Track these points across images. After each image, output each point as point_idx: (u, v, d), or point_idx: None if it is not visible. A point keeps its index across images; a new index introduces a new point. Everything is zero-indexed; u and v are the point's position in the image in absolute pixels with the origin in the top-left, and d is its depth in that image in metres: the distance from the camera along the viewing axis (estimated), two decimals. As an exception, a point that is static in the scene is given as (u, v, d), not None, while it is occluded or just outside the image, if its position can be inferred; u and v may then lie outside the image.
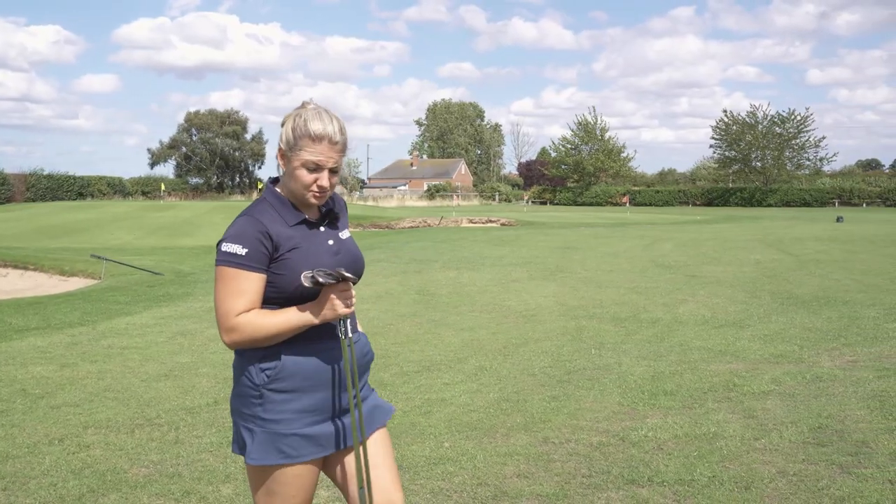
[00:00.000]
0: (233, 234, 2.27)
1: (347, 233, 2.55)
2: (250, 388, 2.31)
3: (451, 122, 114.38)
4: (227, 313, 2.23)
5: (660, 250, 18.92)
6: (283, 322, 2.24)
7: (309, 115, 2.32)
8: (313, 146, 2.27)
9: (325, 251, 2.36)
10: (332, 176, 2.34)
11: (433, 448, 4.69)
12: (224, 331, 2.26)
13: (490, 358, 7.19)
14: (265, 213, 2.32)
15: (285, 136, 2.33)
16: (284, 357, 2.28)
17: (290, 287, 2.26)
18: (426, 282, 13.03)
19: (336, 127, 2.31)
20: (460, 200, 74.57)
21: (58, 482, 4.20)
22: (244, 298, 2.23)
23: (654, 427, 4.98)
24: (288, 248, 2.28)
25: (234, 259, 2.23)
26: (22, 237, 25.22)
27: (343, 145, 2.34)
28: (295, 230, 2.32)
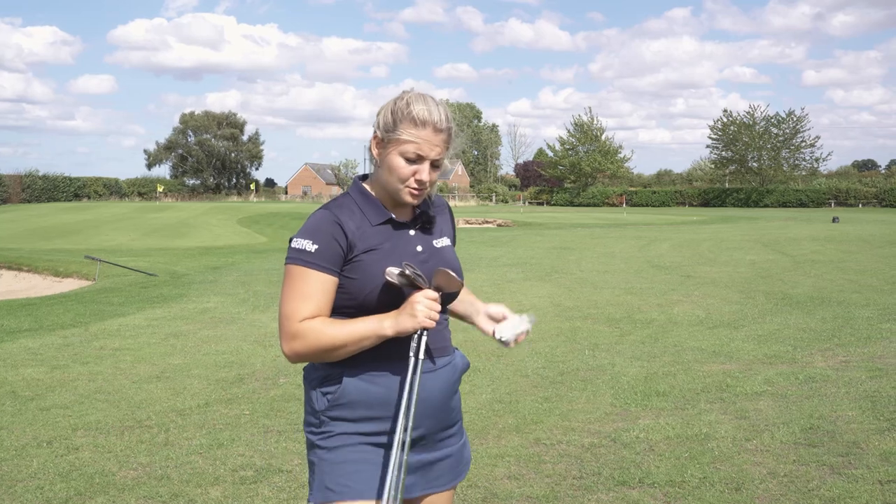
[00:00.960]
0: (305, 228, 2.03)
1: (446, 241, 2.19)
2: (310, 415, 2.07)
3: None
4: (290, 317, 1.97)
5: (656, 251, 18.93)
6: (351, 331, 1.94)
7: (413, 97, 2.05)
8: (415, 131, 1.99)
9: (408, 257, 2.04)
10: (434, 170, 2.04)
11: (424, 450, 4.66)
12: (285, 337, 1.98)
13: (483, 359, 7.17)
14: (345, 207, 2.06)
15: (382, 121, 2.04)
16: (346, 380, 2.00)
17: (363, 293, 1.99)
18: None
19: (443, 113, 2.04)
20: (457, 201, 74.56)
21: (45, 485, 4.18)
22: (310, 302, 1.97)
23: (646, 428, 4.96)
24: (364, 249, 2.00)
25: (301, 256, 1.98)
26: (17, 238, 25.15)
27: (449, 135, 2.05)
28: (377, 230, 2.05)
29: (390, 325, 1.94)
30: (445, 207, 2.30)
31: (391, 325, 1.94)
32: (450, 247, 2.21)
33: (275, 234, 29.48)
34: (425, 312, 1.92)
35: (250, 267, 16.25)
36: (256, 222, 35.24)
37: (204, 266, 16.58)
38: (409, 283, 1.96)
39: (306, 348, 1.97)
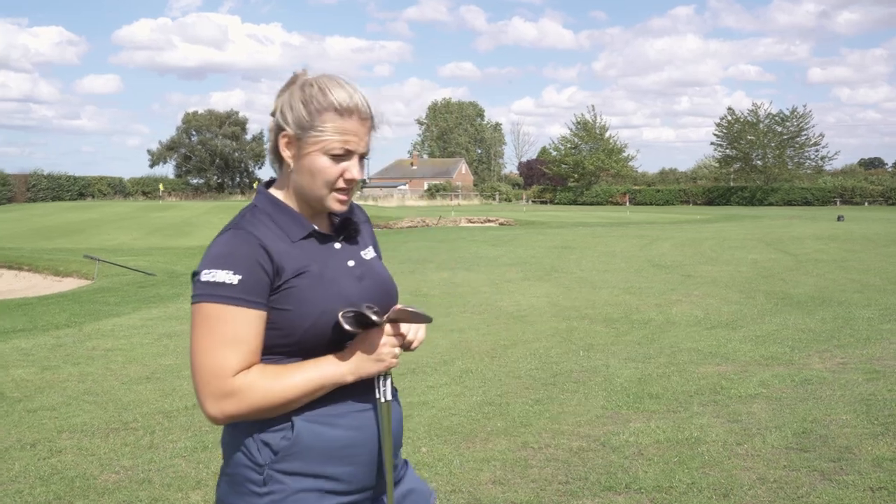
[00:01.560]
0: (217, 255, 1.63)
1: (373, 251, 1.89)
2: (249, 470, 1.65)
3: (452, 121, 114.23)
4: (218, 373, 1.58)
5: (657, 250, 18.84)
6: (304, 382, 1.62)
7: (325, 82, 1.71)
8: (340, 123, 1.67)
9: (344, 276, 1.74)
10: (362, 164, 1.76)
11: (409, 453, 4.60)
12: (211, 397, 1.58)
13: (477, 360, 7.11)
14: (259, 224, 1.69)
15: (293, 116, 1.69)
16: (298, 423, 1.64)
17: (301, 328, 1.64)
18: (419, 282, 12.95)
19: (363, 96, 1.72)
20: (460, 200, 74.51)
21: (24, 489, 4.13)
22: (240, 349, 1.59)
23: (636, 432, 4.89)
24: (294, 273, 1.66)
25: (220, 291, 1.59)
26: (19, 237, 25.16)
27: (373, 122, 1.75)
28: (301, 247, 1.71)
29: (351, 372, 1.66)
30: (360, 211, 1.98)
31: (351, 370, 1.66)
32: (377, 258, 1.91)
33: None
34: (391, 353, 1.69)
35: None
36: (259, 221, 35.29)
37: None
38: (369, 326, 1.66)
39: (245, 409, 1.60)
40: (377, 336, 1.69)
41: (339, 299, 1.69)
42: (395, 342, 1.71)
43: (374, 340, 1.68)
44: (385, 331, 1.70)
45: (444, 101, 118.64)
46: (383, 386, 1.73)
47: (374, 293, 1.77)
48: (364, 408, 1.72)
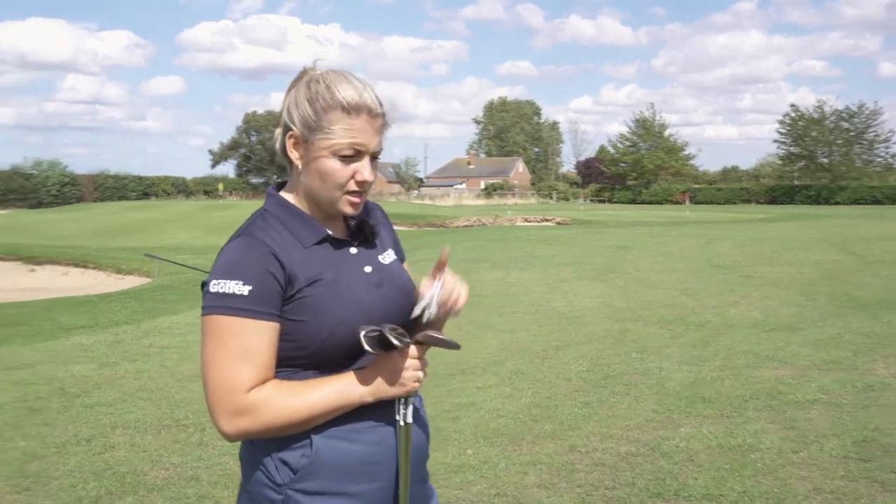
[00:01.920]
0: (226, 264, 1.56)
1: (392, 255, 1.79)
2: (269, 489, 1.59)
3: (509, 120, 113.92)
4: (231, 389, 1.52)
5: (716, 250, 18.43)
6: (321, 401, 1.55)
7: (331, 78, 1.63)
8: (348, 121, 1.59)
9: (361, 283, 1.65)
10: (374, 164, 1.66)
11: (455, 455, 4.58)
12: (224, 414, 1.53)
13: (527, 361, 7.04)
14: (270, 230, 1.62)
15: (299, 115, 1.62)
16: (317, 440, 1.58)
17: (317, 340, 1.57)
18: (473, 282, 12.87)
19: (373, 92, 1.63)
20: (517, 199, 74.21)
21: (78, 483, 4.22)
22: (254, 364, 1.53)
23: (687, 437, 4.78)
24: (307, 281, 1.58)
25: (231, 303, 1.52)
26: (85, 236, 25.94)
27: (384, 119, 1.66)
28: (314, 254, 1.63)
29: (371, 393, 1.60)
30: (379, 211, 1.87)
31: (371, 392, 1.60)
32: (398, 262, 1.81)
33: (333, 232, 29.76)
34: (415, 377, 1.62)
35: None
36: (316, 220, 35.67)
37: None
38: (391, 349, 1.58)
39: (259, 426, 1.54)
40: (400, 359, 1.61)
41: (356, 308, 1.62)
42: (418, 366, 1.63)
43: (396, 364, 1.60)
44: (409, 354, 1.61)
45: (501, 99, 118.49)
46: (404, 409, 1.66)
47: (393, 300, 1.69)
48: (385, 423, 1.65)
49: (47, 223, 32.94)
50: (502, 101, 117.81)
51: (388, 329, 1.55)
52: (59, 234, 27.11)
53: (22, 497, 4.08)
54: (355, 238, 1.73)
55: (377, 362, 1.62)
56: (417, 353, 1.63)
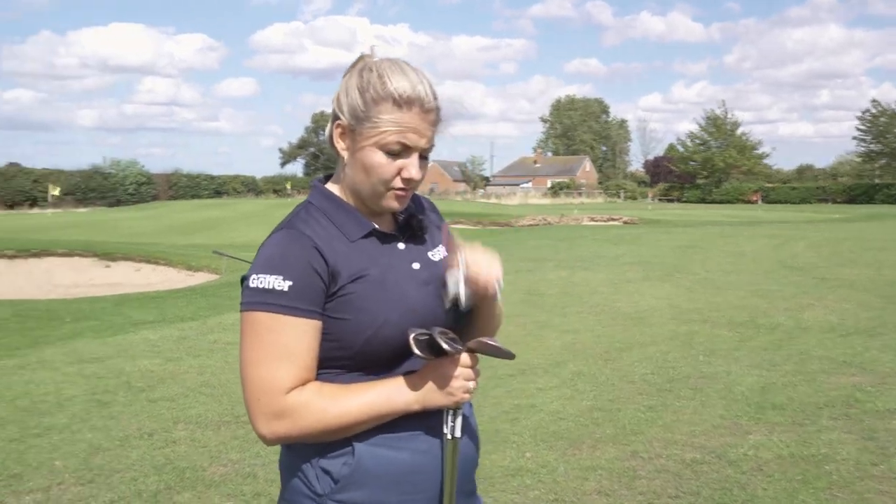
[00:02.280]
0: (267, 258, 1.49)
1: (443, 251, 1.69)
2: (308, 499, 1.52)
3: (576, 118, 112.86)
4: (269, 390, 1.44)
5: (790, 250, 17.85)
6: (365, 407, 1.47)
7: (385, 67, 1.53)
8: (398, 115, 1.50)
9: (408, 280, 1.57)
10: (423, 163, 1.57)
11: (513, 458, 4.48)
12: (263, 417, 1.46)
13: (590, 362, 6.89)
14: (313, 223, 1.54)
15: (348, 104, 1.53)
16: (359, 448, 1.50)
17: (360, 339, 1.49)
18: (537, 281, 12.76)
19: (428, 85, 1.53)
20: (584, 198, 73.42)
21: (139, 477, 4.27)
22: (294, 363, 1.46)
23: (757, 445, 4.57)
24: (351, 277, 1.50)
25: (271, 299, 1.45)
26: (159, 234, 26.65)
27: (438, 114, 1.56)
28: (360, 248, 1.55)
29: (417, 401, 1.51)
30: (428, 206, 1.79)
31: (418, 399, 1.51)
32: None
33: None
34: (464, 388, 1.51)
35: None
36: (382, 219, 35.93)
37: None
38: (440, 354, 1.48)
39: (298, 430, 1.46)
40: (450, 367, 1.50)
41: (402, 307, 1.53)
42: (469, 375, 1.52)
43: (446, 371, 1.50)
44: (461, 361, 1.51)
45: (569, 97, 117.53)
46: (452, 421, 1.55)
47: (441, 300, 1.59)
48: (432, 431, 1.56)
49: (123, 221, 33.98)
50: (570, 99, 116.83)
51: (439, 333, 1.45)
52: (134, 231, 27.92)
53: (85, 489, 4.14)
54: (403, 233, 1.65)
55: (426, 368, 1.52)
56: (469, 361, 1.53)
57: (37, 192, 50.39)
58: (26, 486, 4.18)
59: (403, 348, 1.48)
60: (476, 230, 30.44)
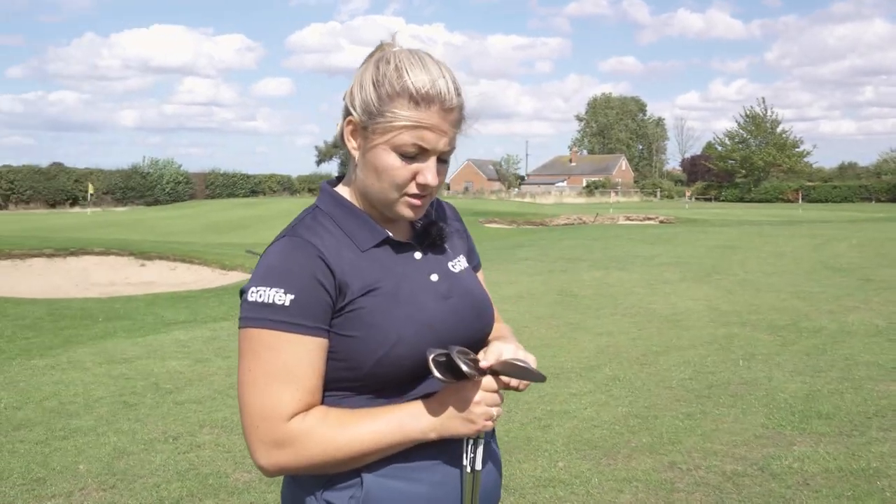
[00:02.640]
0: (267, 268, 1.35)
1: (464, 262, 1.56)
2: None
3: (612, 116, 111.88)
4: (269, 415, 1.31)
5: (832, 251, 17.39)
6: (375, 436, 1.33)
7: (404, 58, 1.37)
8: (415, 113, 1.34)
9: (425, 293, 1.43)
10: (442, 167, 1.40)
11: (545, 468, 4.32)
12: (262, 445, 1.32)
13: (625, 367, 6.69)
14: (320, 230, 1.41)
15: (360, 98, 1.38)
16: (368, 479, 1.37)
17: (371, 360, 1.34)
18: (570, 281, 12.55)
19: (450, 81, 1.37)
20: (619, 197, 72.71)
21: (161, 483, 4.19)
22: (296, 386, 1.31)
23: (802, 457, 4.36)
24: (362, 291, 1.36)
25: (271, 314, 1.31)
26: (194, 233, 26.84)
27: (461, 113, 1.40)
28: (371, 259, 1.41)
29: (433, 429, 1.35)
30: (450, 211, 1.64)
31: (435, 427, 1.35)
32: (470, 269, 1.56)
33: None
34: (487, 414, 1.35)
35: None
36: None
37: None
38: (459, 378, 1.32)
39: (301, 461, 1.32)
40: (471, 391, 1.34)
41: (418, 323, 1.38)
42: (493, 401, 1.36)
43: (466, 395, 1.34)
44: (483, 385, 1.35)
45: (605, 96, 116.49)
46: (472, 452, 1.39)
47: (463, 315, 1.45)
48: (450, 460, 1.41)
49: (160, 220, 34.32)
50: (606, 97, 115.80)
51: (457, 353, 1.30)
52: (170, 230, 28.16)
53: (107, 495, 4.07)
54: (420, 241, 1.50)
55: (444, 392, 1.37)
56: (493, 385, 1.36)
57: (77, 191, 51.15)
58: (49, 490, 4.12)
59: (419, 369, 1.34)
60: (510, 229, 30.23)
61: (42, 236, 20.58)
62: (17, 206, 47.95)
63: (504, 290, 11.28)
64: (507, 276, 13.13)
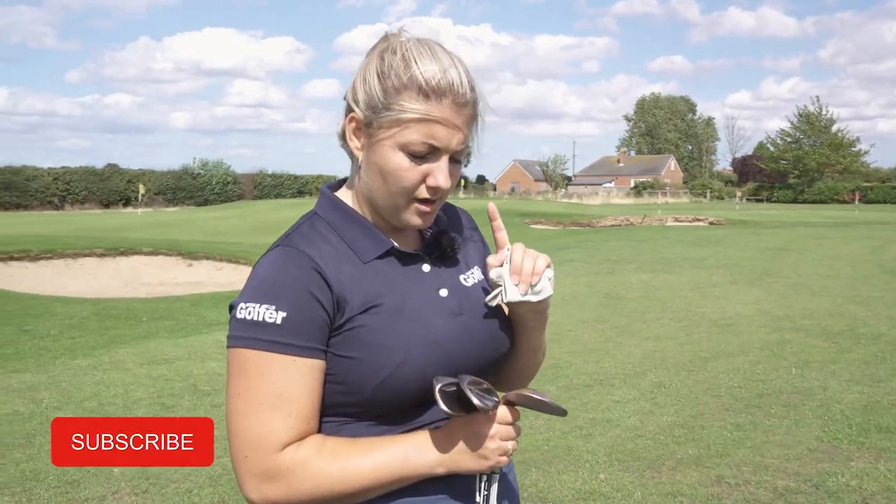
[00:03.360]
0: (257, 283, 1.23)
1: (479, 275, 1.41)
2: None
3: (661, 116, 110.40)
4: (260, 446, 1.19)
5: (891, 253, 16.81)
6: (376, 470, 1.20)
7: (412, 48, 1.25)
8: (424, 107, 1.21)
9: (432, 309, 1.30)
10: (455, 168, 1.27)
11: (585, 479, 4.15)
12: (252, 480, 1.20)
13: (672, 373, 6.47)
14: (317, 239, 1.28)
15: (365, 92, 1.25)
16: None
17: (369, 384, 1.22)
18: (616, 284, 12.30)
19: (463, 72, 1.24)
20: (668, 198, 71.67)
21: (193, 489, 4.13)
22: (288, 414, 1.19)
23: (860, 473, 4.12)
24: (363, 307, 1.24)
25: (261, 334, 1.19)
26: (241, 233, 27.11)
27: (475, 108, 1.27)
28: (374, 271, 1.29)
29: (441, 463, 1.22)
30: (465, 218, 1.49)
31: (443, 461, 1.22)
32: (485, 283, 1.40)
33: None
34: (501, 449, 1.23)
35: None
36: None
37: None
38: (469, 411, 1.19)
39: (294, 495, 1.19)
40: (485, 423, 1.22)
41: (424, 342, 1.24)
42: (508, 434, 1.23)
43: (479, 429, 1.22)
44: (498, 417, 1.23)
45: (654, 95, 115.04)
46: (486, 490, 1.26)
47: (475, 334, 1.31)
48: (462, 495, 1.27)
49: (208, 220, 34.78)
50: (655, 97, 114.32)
51: (468, 383, 1.17)
52: (217, 230, 28.49)
53: (139, 499, 4.03)
54: (430, 252, 1.37)
55: (454, 424, 1.24)
56: (509, 416, 1.24)
57: (130, 191, 52.23)
58: (82, 493, 4.09)
59: (426, 394, 1.20)
60: (556, 230, 29.95)
61: (94, 236, 20.96)
62: (73, 207, 49.10)
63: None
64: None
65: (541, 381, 6.04)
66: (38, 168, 50.04)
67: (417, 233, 1.39)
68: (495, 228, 1.36)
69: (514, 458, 1.34)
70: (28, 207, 45.75)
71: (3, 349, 7.80)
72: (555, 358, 6.99)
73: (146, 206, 48.57)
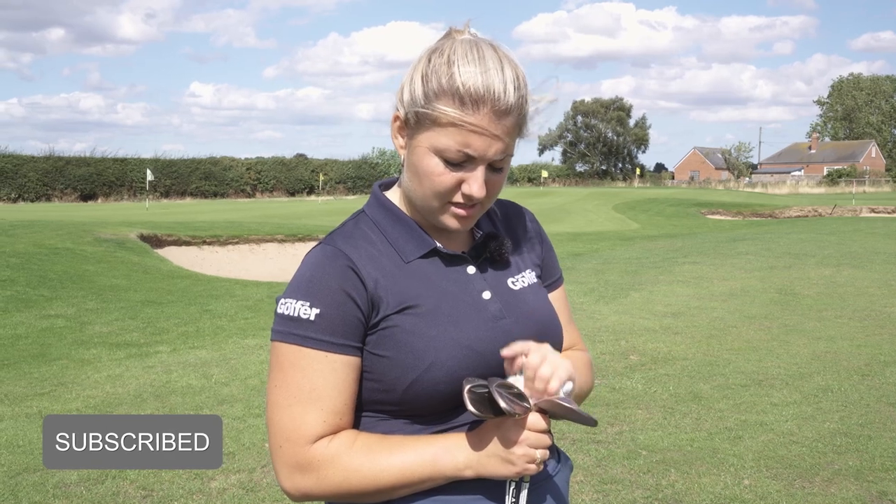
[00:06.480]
0: (297, 279, 1.26)
1: (530, 276, 1.39)
2: None
3: (861, 98, 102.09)
4: (293, 438, 1.21)
5: None
6: (405, 468, 1.20)
7: (458, 51, 1.21)
8: (460, 114, 1.18)
9: (471, 314, 1.27)
10: (496, 176, 1.25)
11: (728, 484, 3.93)
12: (287, 470, 1.23)
13: (841, 377, 5.99)
14: (358, 238, 1.29)
15: (410, 92, 1.24)
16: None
17: (400, 383, 1.22)
18: (793, 279, 11.53)
19: (509, 79, 1.19)
20: (866, 187, 66.27)
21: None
22: (321, 408, 1.21)
23: None
24: (398, 307, 1.24)
25: (296, 329, 1.21)
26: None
27: (520, 116, 1.23)
28: (415, 271, 1.29)
29: (470, 466, 1.21)
30: (522, 217, 1.45)
31: (471, 464, 1.21)
32: (537, 286, 1.38)
33: (648, 220, 28.75)
34: (529, 457, 1.19)
35: (611, 255, 15.91)
36: (632, 208, 34.71)
37: (566, 252, 16.63)
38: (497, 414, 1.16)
39: (324, 488, 1.21)
40: (515, 428, 1.19)
41: (457, 346, 1.23)
42: (538, 442, 1.19)
43: (508, 434, 1.19)
44: (529, 423, 1.19)
45: (854, 76, 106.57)
46: (514, 496, 1.23)
47: (516, 338, 1.24)
48: (498, 496, 1.24)
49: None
50: (855, 78, 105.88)
51: (497, 386, 1.14)
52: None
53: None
54: (477, 254, 1.35)
55: (486, 427, 1.22)
56: (541, 424, 1.19)
57: (313, 180, 55.00)
58: (234, 465, 4.36)
59: (458, 397, 1.19)
60: (734, 220, 28.53)
61: (276, 223, 22.30)
62: (263, 195, 52.41)
63: (713, 287, 10.59)
64: (719, 271, 12.33)
65: (694, 378, 5.81)
66: (234, 158, 53.73)
67: (468, 234, 1.37)
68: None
69: (653, 456, 1.27)
70: (224, 195, 49.31)
71: (186, 327, 8.47)
72: (713, 355, 6.66)
73: (328, 194, 50.98)
